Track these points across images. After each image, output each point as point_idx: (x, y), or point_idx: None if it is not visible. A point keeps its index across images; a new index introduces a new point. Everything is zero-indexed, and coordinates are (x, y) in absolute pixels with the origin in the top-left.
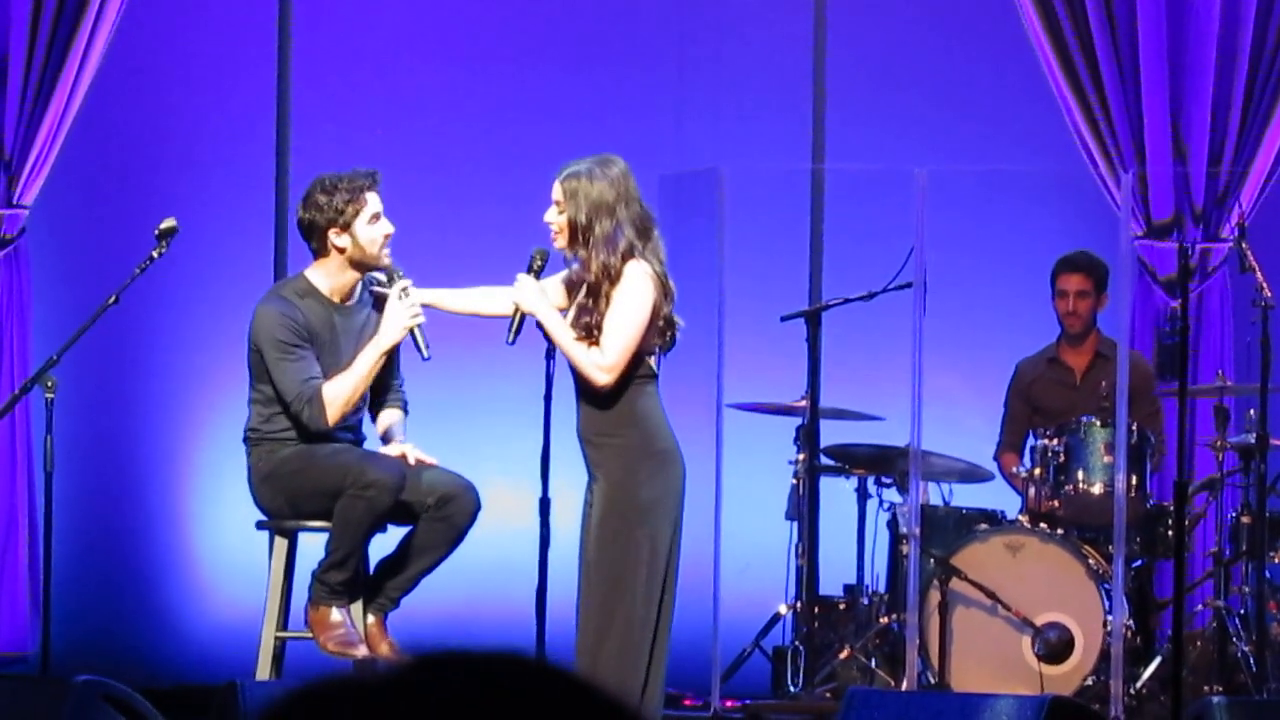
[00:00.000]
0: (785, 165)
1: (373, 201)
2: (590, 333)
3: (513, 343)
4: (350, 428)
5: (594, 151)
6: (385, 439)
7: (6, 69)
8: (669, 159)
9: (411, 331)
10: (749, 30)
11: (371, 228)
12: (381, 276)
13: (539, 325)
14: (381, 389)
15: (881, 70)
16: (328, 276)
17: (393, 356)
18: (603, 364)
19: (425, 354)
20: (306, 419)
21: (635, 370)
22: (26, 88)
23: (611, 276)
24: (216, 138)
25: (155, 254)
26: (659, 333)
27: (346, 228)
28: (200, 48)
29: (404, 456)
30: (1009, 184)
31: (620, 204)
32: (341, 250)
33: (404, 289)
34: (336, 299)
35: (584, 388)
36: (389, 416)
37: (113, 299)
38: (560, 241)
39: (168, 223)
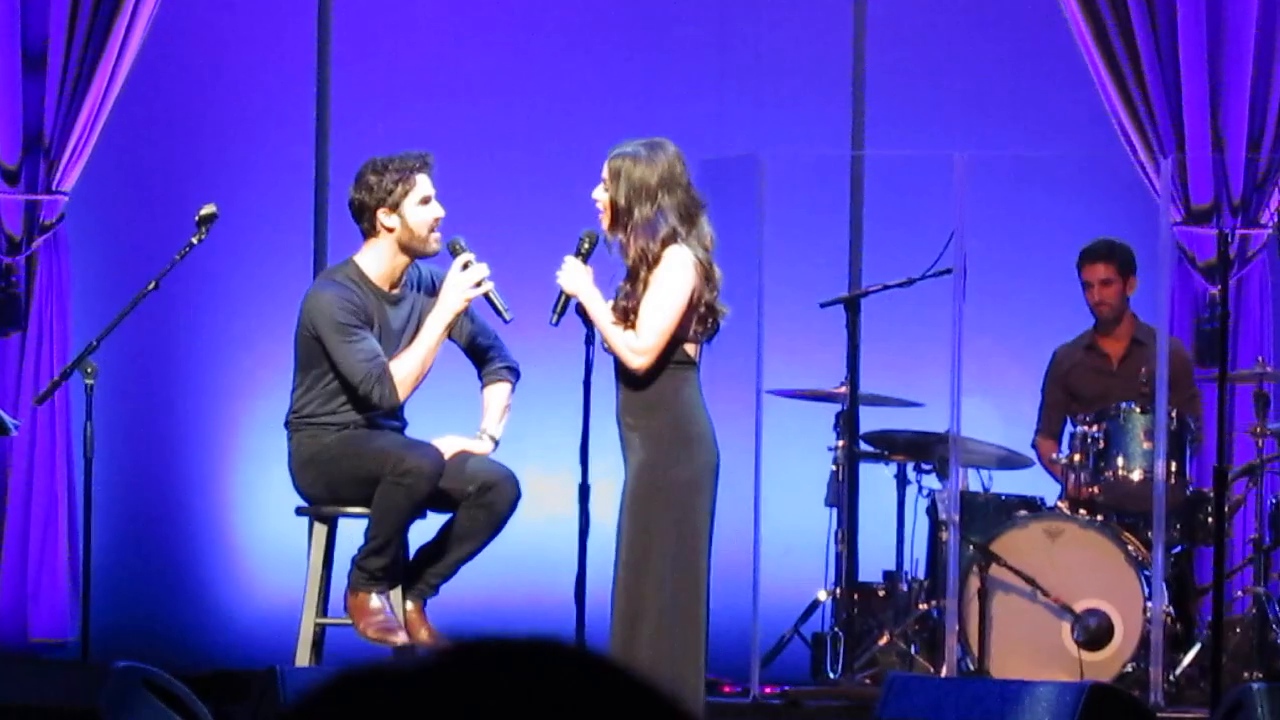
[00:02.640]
0: (825, 151)
1: (423, 184)
2: (628, 317)
3: (556, 324)
4: (394, 414)
5: (636, 135)
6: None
7: (46, 55)
8: (709, 145)
9: (486, 297)
10: (789, 17)
11: (421, 209)
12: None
13: (579, 309)
14: (480, 360)
15: (921, 56)
16: (376, 261)
17: (479, 326)
18: (637, 347)
19: (506, 316)
20: (378, 398)
21: (672, 355)
22: (66, 74)
23: (649, 262)
24: (256, 123)
25: (195, 240)
26: (700, 319)
27: (395, 208)
28: (240, 33)
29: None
30: (1048, 170)
31: (663, 189)
32: (390, 230)
33: (466, 263)
34: (385, 286)
35: (620, 371)
36: (490, 394)
37: (152, 285)
38: (606, 221)
39: (207, 209)
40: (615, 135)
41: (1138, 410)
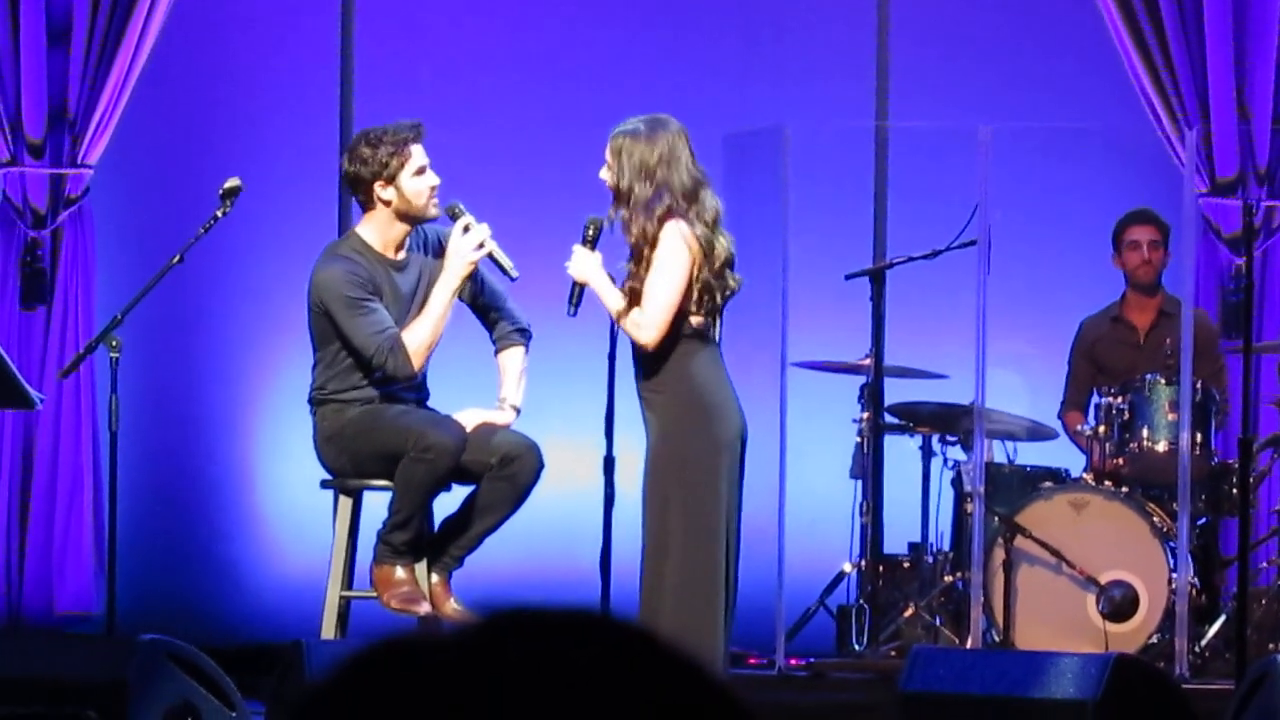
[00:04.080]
0: (849, 123)
1: (418, 154)
2: (636, 298)
3: (574, 314)
4: (415, 386)
5: (658, 110)
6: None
7: (70, 29)
8: (733, 118)
9: (491, 256)
10: None
11: (417, 180)
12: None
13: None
14: (489, 321)
15: (945, 28)
16: (377, 231)
17: (485, 286)
18: (641, 322)
19: (513, 274)
20: (392, 369)
21: (682, 330)
22: (90, 48)
23: (648, 240)
24: (280, 96)
25: (219, 213)
26: (702, 293)
27: (391, 180)
28: (263, 6)
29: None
30: (1073, 141)
31: (662, 166)
32: (387, 203)
33: (466, 226)
34: (390, 253)
35: (634, 348)
36: (505, 359)
37: (177, 258)
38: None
39: (231, 182)
40: (639, 109)
41: (1163, 382)
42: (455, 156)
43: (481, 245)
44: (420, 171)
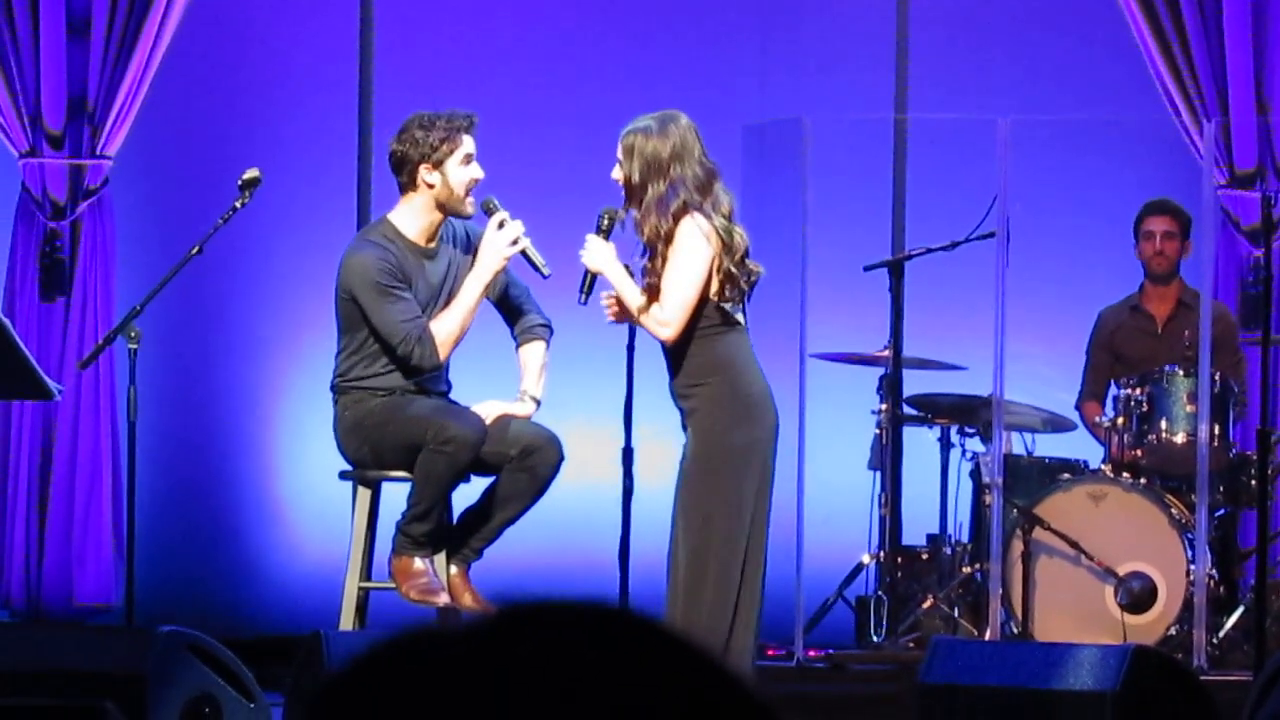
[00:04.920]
0: (868, 115)
1: (467, 143)
2: (655, 292)
3: (584, 302)
4: (438, 378)
5: (677, 103)
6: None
7: (90, 20)
8: (752, 110)
9: (524, 254)
10: None
11: (463, 169)
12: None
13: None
14: (512, 316)
15: (964, 20)
16: (412, 217)
17: (513, 284)
18: (661, 318)
19: (545, 272)
20: (418, 359)
21: (704, 321)
22: (110, 38)
23: (663, 237)
24: (300, 87)
25: (238, 204)
26: (727, 283)
27: (438, 165)
28: None
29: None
30: (1091, 133)
31: (675, 162)
32: (430, 187)
33: (501, 221)
34: (421, 242)
35: (665, 349)
36: (526, 353)
37: (196, 249)
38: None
39: (251, 173)
40: (656, 102)
41: (1181, 373)
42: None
43: (516, 242)
44: (467, 160)
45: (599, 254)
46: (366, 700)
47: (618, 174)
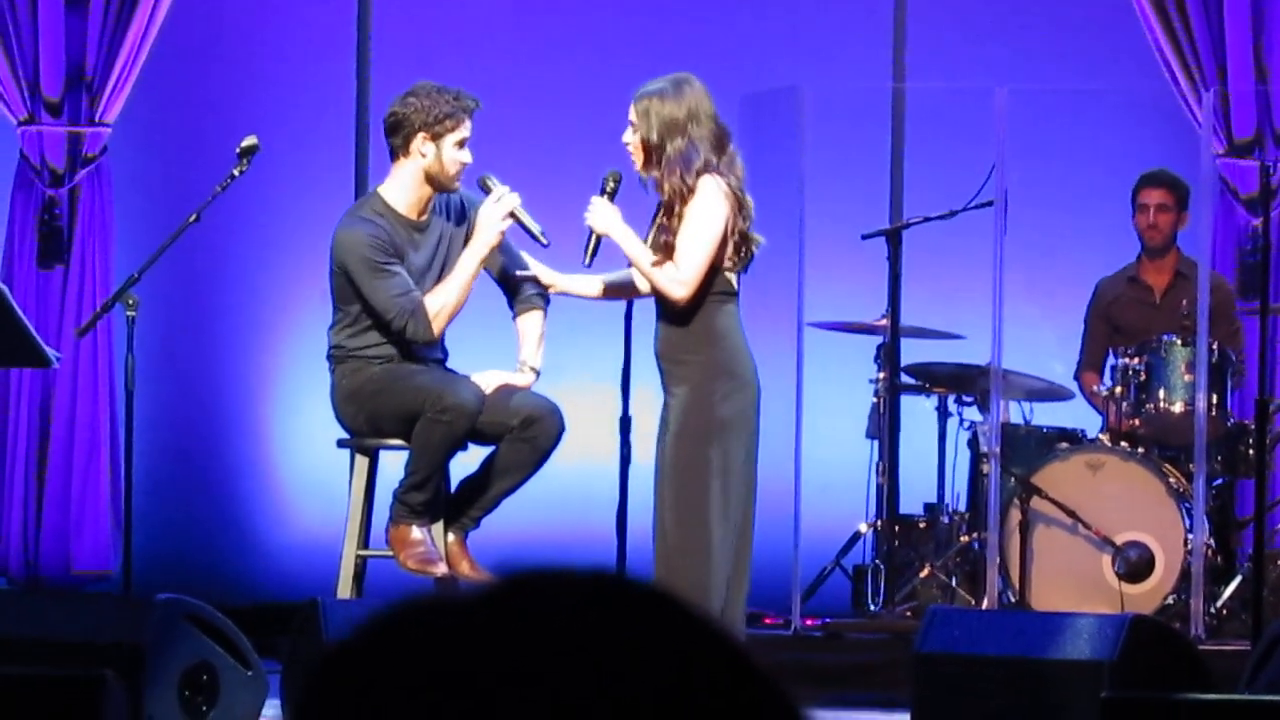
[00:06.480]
0: (866, 84)
1: (467, 127)
2: (669, 252)
3: (589, 265)
4: (438, 347)
5: (674, 70)
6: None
7: None
8: (749, 77)
9: (521, 224)
10: None
11: (457, 151)
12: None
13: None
14: (512, 290)
15: None
16: (402, 190)
17: (512, 258)
18: (679, 278)
19: (543, 240)
20: (411, 333)
21: (712, 286)
22: (108, 6)
23: (684, 195)
24: (298, 55)
25: (236, 172)
26: (735, 248)
27: (436, 138)
28: None
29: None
30: (1090, 102)
31: (692, 122)
32: (423, 156)
33: (499, 198)
34: (412, 215)
35: (664, 307)
36: (524, 322)
37: (194, 217)
38: (638, 162)
39: (249, 140)
40: (656, 69)
41: (1179, 343)
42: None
43: (511, 215)
44: (461, 144)
45: (604, 215)
46: (366, 669)
47: (629, 137)
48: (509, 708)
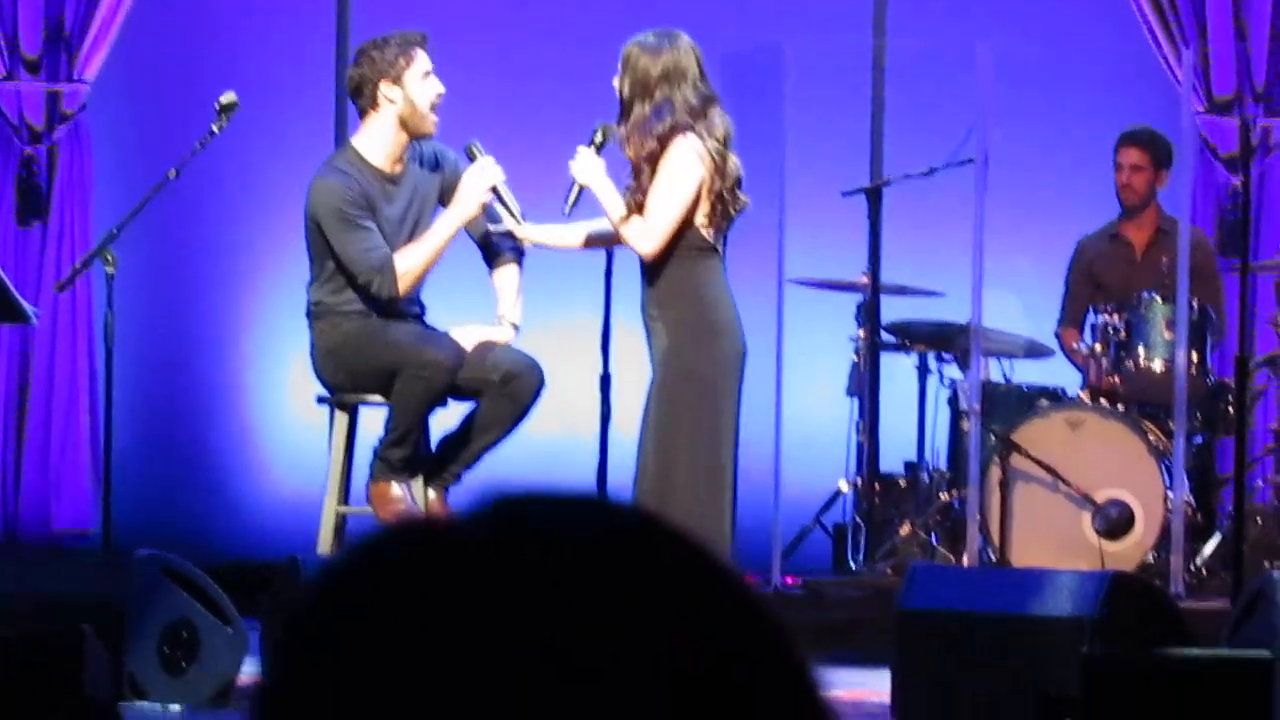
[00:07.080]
0: (847, 40)
1: (423, 59)
2: (639, 209)
3: (568, 214)
4: (414, 301)
5: (654, 27)
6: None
7: None
8: (729, 34)
9: (500, 200)
10: None
11: (423, 83)
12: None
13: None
14: (488, 246)
15: None
16: (376, 141)
17: (494, 221)
18: (645, 234)
19: (518, 220)
20: (376, 289)
21: (686, 241)
22: None
23: (646, 157)
24: (277, 11)
25: (215, 129)
26: (712, 209)
27: (398, 80)
28: None
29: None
30: (1070, 60)
31: (664, 83)
32: (392, 103)
33: (484, 167)
34: (386, 166)
35: (643, 265)
36: (500, 277)
37: (173, 173)
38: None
39: (227, 97)
40: (636, 25)
41: (1160, 300)
42: (455, 68)
43: (494, 189)
44: (426, 75)
45: (588, 166)
46: (354, 597)
47: (617, 82)
48: (499, 637)
